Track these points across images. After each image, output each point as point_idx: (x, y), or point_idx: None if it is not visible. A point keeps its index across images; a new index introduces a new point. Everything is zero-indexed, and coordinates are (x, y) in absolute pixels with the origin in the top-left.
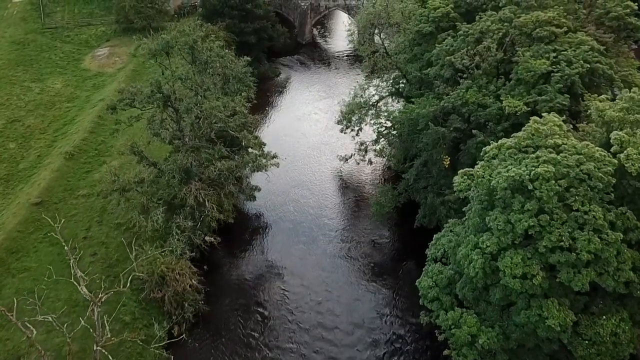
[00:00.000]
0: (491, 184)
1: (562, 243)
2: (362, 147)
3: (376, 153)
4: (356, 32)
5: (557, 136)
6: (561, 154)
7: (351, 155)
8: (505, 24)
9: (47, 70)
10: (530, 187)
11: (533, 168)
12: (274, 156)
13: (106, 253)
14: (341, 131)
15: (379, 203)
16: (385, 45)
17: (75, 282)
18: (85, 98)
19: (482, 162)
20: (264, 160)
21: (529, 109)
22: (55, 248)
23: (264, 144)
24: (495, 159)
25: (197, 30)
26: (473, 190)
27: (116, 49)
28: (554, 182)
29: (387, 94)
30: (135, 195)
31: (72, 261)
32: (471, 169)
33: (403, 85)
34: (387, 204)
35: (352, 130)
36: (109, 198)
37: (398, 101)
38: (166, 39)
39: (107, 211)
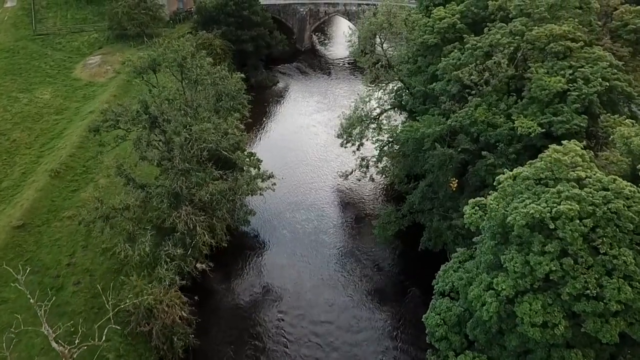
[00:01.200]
0: (507, 220)
1: (588, 291)
2: (364, 163)
3: (378, 171)
4: (357, 42)
5: (580, 168)
6: (585, 189)
7: (352, 172)
8: (517, 37)
9: (36, 79)
10: (551, 226)
11: (554, 205)
12: (270, 176)
13: (90, 282)
14: (341, 145)
15: (381, 226)
16: (388, 55)
17: (46, 333)
18: (75, 110)
19: (496, 193)
20: (259, 181)
21: (543, 130)
22: (37, 277)
23: (260, 161)
24: (510, 188)
25: (186, 46)
26: (485, 222)
27: (108, 57)
28: (578, 221)
29: (389, 107)
30: (122, 220)
31: (40, 313)
32: (482, 199)
33: (406, 98)
34: (390, 228)
35: (352, 144)
36: (92, 226)
37: (400, 113)
38: (152, 56)
39: (92, 235)
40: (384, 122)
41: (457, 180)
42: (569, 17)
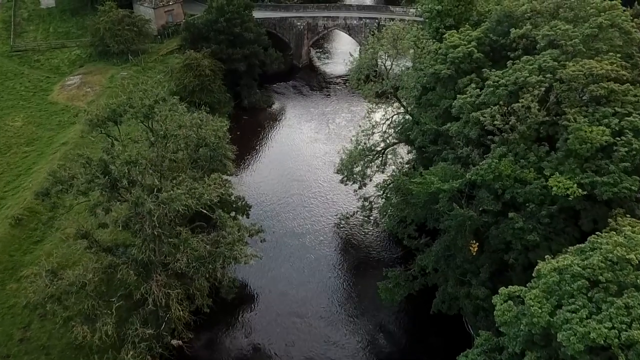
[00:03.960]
0: (558, 338)
1: None
2: (366, 205)
3: (383, 225)
4: (358, 71)
5: None
6: None
7: (353, 214)
8: (548, 75)
9: (8, 103)
10: (621, 358)
11: (623, 326)
12: (259, 230)
13: None
14: (341, 182)
15: (388, 289)
16: (393, 82)
17: None
18: (47, 140)
19: (536, 290)
20: (246, 238)
21: (585, 192)
22: None
23: (250, 207)
24: (555, 285)
25: (151, 94)
26: (524, 327)
27: (89, 77)
28: None
29: (395, 140)
30: (81, 295)
31: None
32: (516, 289)
33: (415, 134)
34: (399, 292)
35: (354, 182)
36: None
37: (406, 144)
38: (112, 107)
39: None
40: (390, 157)
41: (477, 244)
42: (608, 51)
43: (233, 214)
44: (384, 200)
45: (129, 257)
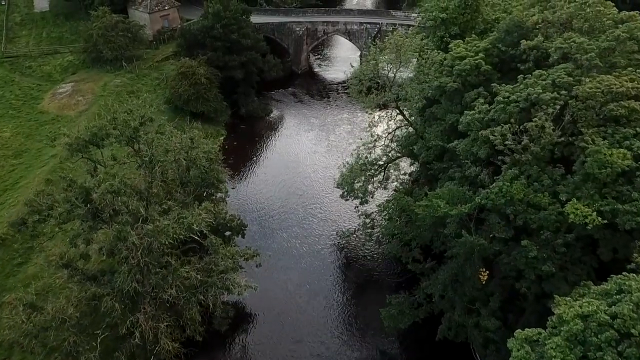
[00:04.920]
0: None
1: None
2: (368, 222)
3: (388, 250)
4: (358, 83)
5: None
6: None
7: (354, 232)
8: (562, 91)
9: None
10: None
11: None
12: (255, 254)
13: None
14: (341, 197)
15: (392, 317)
16: (396, 93)
17: None
18: (36, 152)
19: (558, 337)
20: (241, 262)
21: (605, 221)
22: None
23: (245, 226)
24: (580, 333)
25: (136, 115)
26: None
27: (81, 85)
28: None
29: (398, 154)
30: (63, 329)
31: None
32: (534, 332)
33: (419, 148)
34: (403, 320)
35: (355, 198)
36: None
37: (409, 157)
38: (93, 131)
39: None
40: (392, 171)
41: (487, 272)
42: (627, 65)
43: (228, 233)
44: (386, 220)
45: (114, 287)
